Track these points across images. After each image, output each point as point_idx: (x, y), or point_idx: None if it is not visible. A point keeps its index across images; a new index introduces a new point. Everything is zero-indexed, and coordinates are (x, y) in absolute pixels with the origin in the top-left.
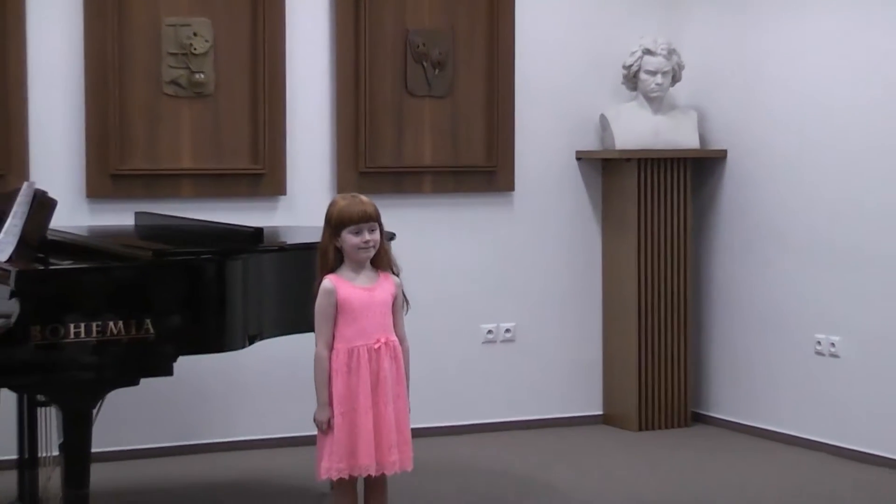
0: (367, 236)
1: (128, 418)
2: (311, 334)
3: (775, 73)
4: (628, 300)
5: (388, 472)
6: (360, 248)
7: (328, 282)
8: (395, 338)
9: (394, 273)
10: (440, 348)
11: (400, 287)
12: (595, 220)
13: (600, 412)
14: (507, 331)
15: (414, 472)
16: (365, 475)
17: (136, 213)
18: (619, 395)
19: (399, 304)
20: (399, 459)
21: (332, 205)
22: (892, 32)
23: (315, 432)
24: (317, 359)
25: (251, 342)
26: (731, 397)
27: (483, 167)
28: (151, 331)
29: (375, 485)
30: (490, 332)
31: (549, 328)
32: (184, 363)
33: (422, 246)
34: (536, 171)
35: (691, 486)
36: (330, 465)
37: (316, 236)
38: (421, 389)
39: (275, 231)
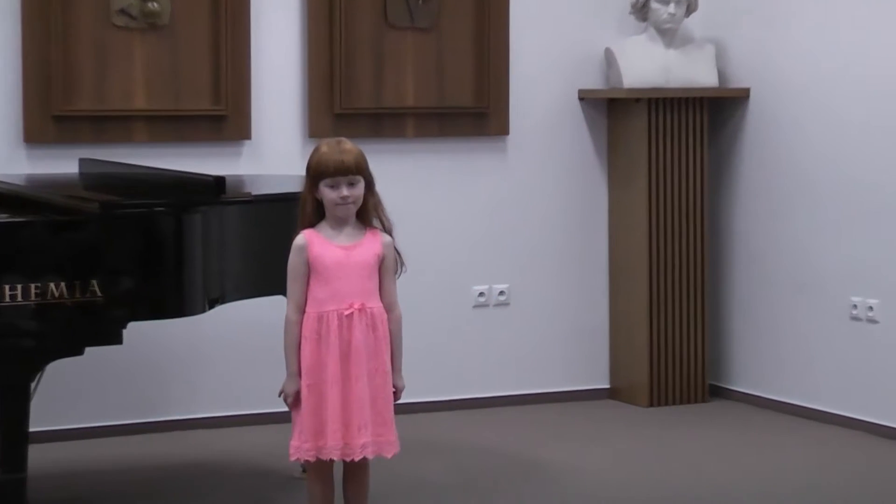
0: (344, 191)
1: (73, 393)
2: (283, 297)
3: (804, 1)
4: (638, 258)
5: (356, 458)
6: (337, 205)
7: (301, 237)
8: (375, 304)
9: (384, 230)
10: (425, 314)
11: (390, 247)
12: (600, 167)
13: (606, 385)
14: (501, 293)
15: (397, 453)
16: (328, 458)
17: (81, 160)
18: (627, 367)
19: (389, 266)
20: (373, 443)
21: (313, 152)
22: None
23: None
24: (286, 323)
25: (212, 306)
26: (754, 368)
27: (473, 108)
28: (98, 293)
29: (354, 469)
30: (482, 294)
31: (549, 290)
32: (136, 330)
33: (403, 197)
34: (533, 112)
35: (709, 468)
36: (299, 444)
37: (286, 186)
38: (404, 360)
39: (239, 180)
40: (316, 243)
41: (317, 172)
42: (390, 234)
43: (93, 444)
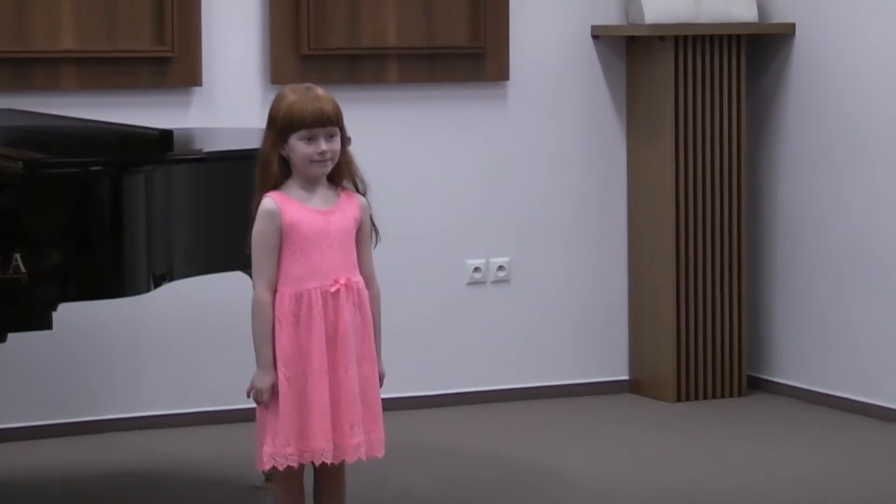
0: (322, 145)
1: None
2: (244, 273)
3: None
4: (662, 227)
5: (350, 459)
6: (312, 161)
7: (270, 201)
8: (359, 279)
9: (359, 191)
10: (409, 293)
11: (367, 210)
12: (617, 119)
13: (625, 377)
14: (500, 268)
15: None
16: (319, 462)
17: (0, 111)
18: (650, 355)
19: (366, 232)
20: (367, 442)
21: (278, 99)
22: None
23: (252, 405)
24: (255, 305)
25: (158, 284)
26: (800, 357)
27: (467, 49)
28: (22, 269)
29: (329, 473)
30: (477, 270)
31: (556, 265)
32: (69, 313)
33: (384, 153)
34: (539, 53)
35: (747, 473)
36: (275, 450)
37: (245, 141)
38: (384, 347)
39: (188, 134)
40: (289, 208)
41: (287, 123)
42: (364, 196)
43: (13, 448)
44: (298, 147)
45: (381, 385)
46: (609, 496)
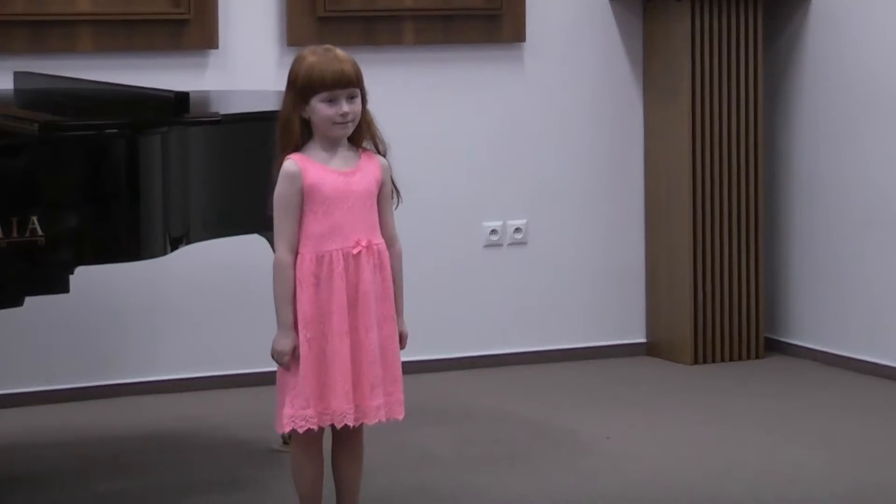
0: (344, 107)
1: (10, 352)
2: (258, 236)
3: None
4: (679, 189)
5: (370, 421)
6: (334, 123)
7: (291, 163)
8: (380, 240)
9: (379, 152)
10: (425, 256)
11: (388, 171)
12: (634, 80)
13: (642, 340)
14: (517, 231)
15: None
16: (340, 424)
17: (17, 74)
18: (667, 318)
19: (387, 193)
20: (386, 404)
21: (297, 61)
22: None
23: (272, 368)
24: (276, 267)
25: (175, 247)
26: (817, 319)
27: (483, 10)
28: (39, 232)
29: (347, 436)
30: (494, 232)
31: (573, 227)
32: (85, 277)
33: (401, 115)
34: (555, 14)
35: (765, 435)
36: (294, 412)
37: (261, 104)
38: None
39: (205, 97)
40: (310, 169)
41: (308, 85)
42: (384, 157)
43: (34, 412)
44: (320, 109)
45: (404, 345)
46: (625, 459)
